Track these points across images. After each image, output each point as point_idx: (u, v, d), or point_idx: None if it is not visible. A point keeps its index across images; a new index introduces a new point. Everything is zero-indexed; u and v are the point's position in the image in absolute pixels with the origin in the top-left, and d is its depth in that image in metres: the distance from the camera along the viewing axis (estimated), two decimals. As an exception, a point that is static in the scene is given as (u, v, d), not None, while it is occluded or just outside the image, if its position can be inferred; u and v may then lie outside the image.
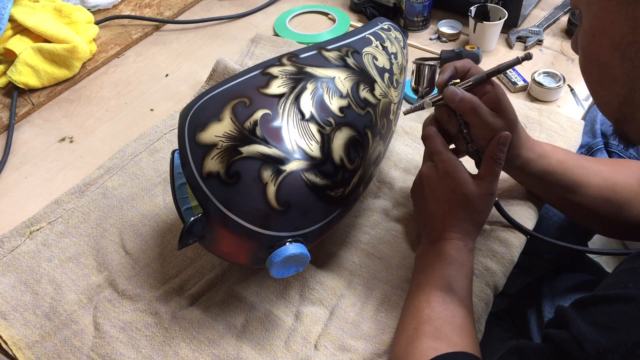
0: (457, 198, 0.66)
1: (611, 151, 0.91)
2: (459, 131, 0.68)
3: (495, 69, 0.66)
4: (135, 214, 0.78)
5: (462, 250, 0.65)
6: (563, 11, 1.11)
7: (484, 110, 0.65)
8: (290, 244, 0.59)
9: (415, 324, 0.60)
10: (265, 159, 0.57)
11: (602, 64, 0.50)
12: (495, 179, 0.66)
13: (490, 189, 0.66)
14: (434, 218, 0.68)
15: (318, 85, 0.63)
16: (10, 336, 0.66)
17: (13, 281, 0.71)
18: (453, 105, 0.66)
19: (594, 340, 0.42)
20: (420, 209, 0.71)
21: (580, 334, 0.43)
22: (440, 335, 0.58)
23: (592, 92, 0.55)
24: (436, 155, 0.67)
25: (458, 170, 0.66)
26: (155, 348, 0.65)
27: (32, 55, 0.95)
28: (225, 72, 0.96)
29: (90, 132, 0.93)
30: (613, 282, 0.46)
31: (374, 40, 0.73)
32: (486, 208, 0.67)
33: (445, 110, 0.68)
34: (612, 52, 0.48)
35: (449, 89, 0.66)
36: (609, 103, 0.53)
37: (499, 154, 0.65)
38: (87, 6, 1.12)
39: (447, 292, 0.62)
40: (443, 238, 0.66)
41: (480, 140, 0.67)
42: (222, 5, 1.20)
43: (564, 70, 0.97)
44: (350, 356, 0.64)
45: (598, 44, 0.49)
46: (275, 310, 0.68)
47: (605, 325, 0.43)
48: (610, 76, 0.50)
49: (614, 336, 0.42)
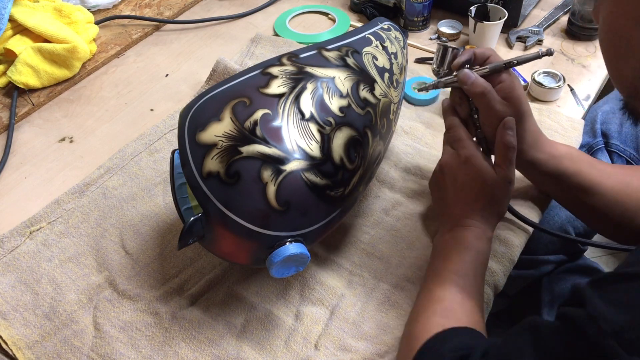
0: (477, 185, 0.66)
1: (611, 151, 0.90)
2: (469, 116, 0.69)
3: (514, 60, 0.67)
4: (135, 214, 0.78)
5: (481, 238, 0.65)
6: (563, 11, 1.11)
7: (494, 97, 0.65)
8: (290, 244, 0.59)
9: (427, 304, 0.61)
10: (265, 159, 0.57)
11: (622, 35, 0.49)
12: (510, 164, 0.66)
13: (508, 176, 0.66)
14: (454, 205, 0.68)
15: (318, 85, 0.63)
16: (10, 336, 0.66)
17: (13, 281, 0.71)
18: (465, 87, 0.66)
19: (610, 319, 0.41)
20: (439, 197, 0.71)
21: (597, 311, 0.42)
22: (449, 315, 0.59)
23: (607, 63, 0.54)
24: (458, 142, 0.68)
25: (478, 158, 0.66)
26: (155, 348, 0.65)
27: (32, 55, 0.95)
28: (225, 72, 0.96)
29: (90, 132, 0.93)
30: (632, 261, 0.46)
31: (374, 40, 0.73)
32: (505, 196, 0.67)
33: (457, 93, 0.69)
34: (634, 24, 0.48)
35: (463, 71, 0.67)
36: (624, 76, 0.52)
37: (508, 139, 0.65)
38: (87, 6, 1.12)
39: (462, 276, 0.62)
40: (462, 225, 0.66)
41: (487, 127, 0.67)
42: (222, 5, 1.20)
43: (564, 70, 0.97)
44: (351, 356, 0.64)
45: (619, 14, 0.49)
46: (275, 310, 0.68)
47: (622, 303, 0.42)
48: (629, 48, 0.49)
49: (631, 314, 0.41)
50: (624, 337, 0.40)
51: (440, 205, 0.71)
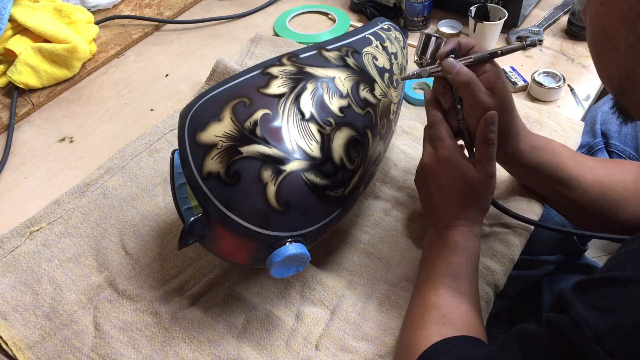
0: (458, 185, 0.66)
1: (611, 151, 0.90)
2: (452, 106, 0.68)
3: (498, 50, 0.66)
4: (135, 214, 0.78)
5: (467, 235, 0.65)
6: (563, 11, 1.11)
7: (478, 87, 0.65)
8: (290, 244, 0.59)
9: (422, 311, 0.61)
10: (265, 159, 0.57)
11: (608, 34, 0.50)
12: (491, 160, 0.66)
13: (489, 171, 0.66)
14: (439, 206, 0.68)
15: (318, 85, 0.63)
16: (11, 336, 0.66)
17: (13, 281, 0.71)
18: (449, 77, 0.66)
19: (592, 323, 0.42)
20: (424, 198, 0.71)
21: (579, 317, 0.43)
22: (446, 322, 0.59)
23: (595, 62, 0.55)
24: (438, 142, 0.67)
25: (457, 158, 0.66)
26: (155, 348, 0.65)
27: (32, 55, 0.95)
28: (225, 72, 0.96)
29: (90, 132, 0.93)
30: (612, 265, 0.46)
31: (374, 40, 0.73)
32: (488, 191, 0.67)
33: (441, 83, 0.68)
34: (619, 23, 0.48)
35: (448, 60, 0.66)
36: (611, 75, 0.53)
37: (489, 135, 0.65)
38: (87, 6, 1.12)
39: (453, 279, 0.62)
40: (448, 225, 0.66)
41: (470, 118, 0.67)
42: (222, 5, 1.20)
43: (564, 70, 0.97)
44: (352, 357, 0.64)
45: (606, 14, 0.50)
46: (275, 310, 0.68)
47: (603, 308, 0.42)
48: (615, 47, 0.50)
49: (612, 319, 0.41)
50: (606, 342, 0.41)
51: (427, 204, 0.71)
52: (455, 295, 0.61)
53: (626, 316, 0.41)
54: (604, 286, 0.44)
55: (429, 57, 0.71)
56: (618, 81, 0.52)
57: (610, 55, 0.51)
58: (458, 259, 0.64)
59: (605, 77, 0.55)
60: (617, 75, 0.52)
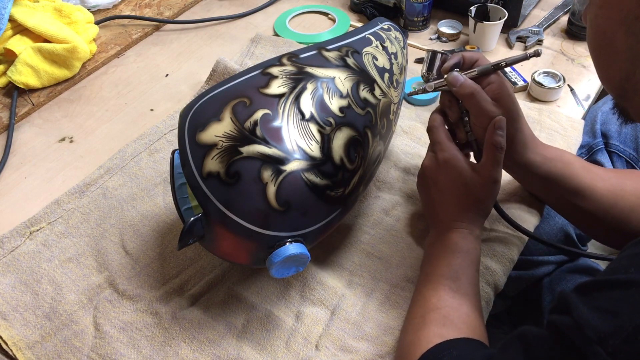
0: (458, 188, 0.66)
1: (611, 151, 0.90)
2: (459, 119, 0.69)
3: (502, 62, 0.67)
4: (135, 214, 0.78)
5: (467, 238, 0.65)
6: (563, 11, 1.11)
7: (483, 97, 0.65)
8: (290, 244, 0.59)
9: (423, 312, 0.61)
10: (265, 159, 0.57)
11: (608, 37, 0.50)
12: (497, 165, 0.65)
13: (493, 177, 0.66)
14: (439, 209, 0.68)
15: (318, 85, 0.63)
16: (11, 336, 0.66)
17: (13, 281, 0.71)
18: (454, 90, 0.66)
19: (595, 325, 0.42)
20: (425, 200, 0.71)
21: (582, 319, 0.43)
22: (446, 323, 0.59)
23: (596, 65, 0.55)
24: (437, 145, 0.68)
25: (457, 160, 0.66)
26: (155, 348, 0.65)
27: (32, 55, 0.95)
28: (225, 72, 0.96)
29: (90, 132, 0.93)
30: (616, 267, 0.46)
31: (374, 40, 0.73)
32: (490, 195, 0.67)
33: (447, 96, 0.69)
34: (618, 25, 0.48)
35: (452, 74, 0.67)
36: (611, 77, 0.53)
37: (497, 139, 0.65)
38: (87, 6, 1.12)
39: (453, 280, 0.62)
40: (449, 228, 0.67)
41: (478, 129, 0.67)
42: (222, 5, 1.19)
43: (564, 70, 0.97)
44: (352, 357, 0.64)
45: (605, 17, 0.50)
46: (275, 310, 0.68)
47: (606, 310, 0.42)
48: (614, 50, 0.50)
49: (615, 321, 0.41)
50: (609, 344, 0.41)
51: (427, 206, 0.71)
52: (456, 297, 0.61)
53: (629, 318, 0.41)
54: (607, 288, 0.44)
55: (435, 73, 0.72)
56: (618, 83, 0.52)
57: (610, 58, 0.52)
58: (459, 260, 0.64)
59: (605, 79, 0.55)
60: (617, 77, 0.52)
